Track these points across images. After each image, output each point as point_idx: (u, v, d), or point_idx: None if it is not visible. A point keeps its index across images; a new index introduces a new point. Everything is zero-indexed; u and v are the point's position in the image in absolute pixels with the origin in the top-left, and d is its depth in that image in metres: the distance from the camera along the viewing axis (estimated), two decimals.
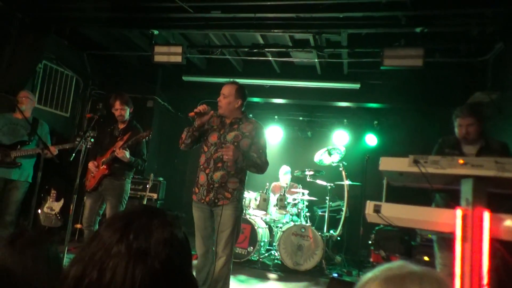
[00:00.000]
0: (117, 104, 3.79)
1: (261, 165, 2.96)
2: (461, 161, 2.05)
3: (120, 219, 0.83)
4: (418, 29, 4.04)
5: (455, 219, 2.06)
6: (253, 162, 2.91)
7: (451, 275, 2.47)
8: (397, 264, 0.84)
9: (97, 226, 3.85)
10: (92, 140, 3.83)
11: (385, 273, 0.81)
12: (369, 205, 2.31)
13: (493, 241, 2.01)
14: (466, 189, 2.06)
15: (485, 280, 1.97)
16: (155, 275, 0.76)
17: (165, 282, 0.78)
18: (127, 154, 3.60)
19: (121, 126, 3.90)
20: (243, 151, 2.90)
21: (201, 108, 2.89)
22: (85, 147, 3.35)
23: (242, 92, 3.00)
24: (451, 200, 2.72)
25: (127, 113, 3.87)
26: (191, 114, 2.89)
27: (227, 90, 2.96)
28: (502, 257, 2.35)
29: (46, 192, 5.07)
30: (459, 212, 2.05)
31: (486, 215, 1.99)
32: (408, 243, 4.28)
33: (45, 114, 5.46)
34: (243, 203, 5.42)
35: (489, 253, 1.98)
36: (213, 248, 2.97)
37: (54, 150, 3.95)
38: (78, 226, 5.15)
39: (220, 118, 3.05)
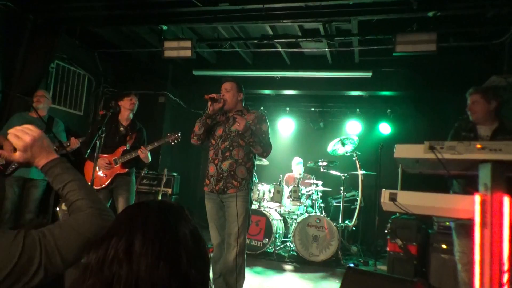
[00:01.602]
0: (135, 99, 3.95)
1: (266, 145, 3.13)
2: (478, 146, 2.00)
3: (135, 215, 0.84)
4: (430, 13, 3.94)
5: (473, 205, 2.02)
6: (259, 140, 3.07)
7: (471, 262, 2.43)
8: None
9: None
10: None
11: None
12: (385, 194, 2.28)
13: None
14: (485, 174, 2.02)
15: (506, 267, 1.93)
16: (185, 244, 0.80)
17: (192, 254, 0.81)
18: (149, 155, 3.83)
19: (125, 123, 3.96)
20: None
21: (215, 94, 3.11)
22: (99, 143, 3.39)
23: (241, 87, 3.27)
24: (468, 186, 2.68)
25: (135, 107, 4.01)
26: (207, 96, 3.09)
27: (229, 85, 3.20)
28: None
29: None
30: (477, 198, 2.00)
31: (506, 200, 1.94)
32: (425, 231, 4.21)
33: (59, 113, 5.54)
34: (257, 195, 5.49)
35: (509, 239, 1.94)
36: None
37: (76, 143, 3.97)
38: None
39: (224, 115, 3.25)
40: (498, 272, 1.97)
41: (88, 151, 3.45)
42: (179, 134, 3.90)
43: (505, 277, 1.97)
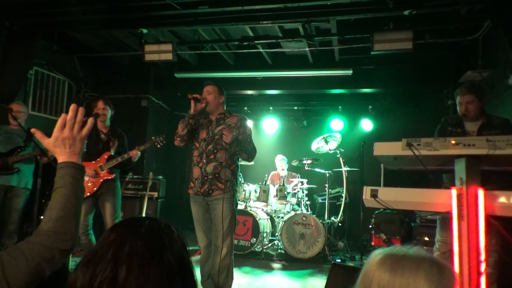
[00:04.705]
0: (100, 104, 3.91)
1: (251, 151, 3.20)
2: (453, 142, 2.08)
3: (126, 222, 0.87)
4: (406, 12, 4.03)
5: (450, 199, 2.09)
6: (245, 148, 3.13)
7: (450, 251, 2.50)
8: (405, 247, 0.92)
9: (92, 230, 3.90)
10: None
11: (390, 250, 0.91)
12: (366, 190, 2.35)
13: (489, 218, 2.05)
14: (460, 169, 2.10)
15: (483, 257, 2.02)
16: (171, 272, 0.79)
17: (179, 279, 0.80)
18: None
19: (104, 129, 3.97)
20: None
21: (197, 95, 3.17)
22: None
23: (222, 90, 3.33)
24: (447, 181, 2.76)
25: (109, 113, 3.97)
26: (190, 96, 3.14)
27: (210, 88, 3.26)
28: (501, 235, 2.38)
29: (48, 198, 5.09)
30: (454, 192, 2.08)
31: (481, 193, 2.02)
32: (408, 225, 4.33)
33: (39, 120, 5.45)
34: (244, 196, 5.52)
35: (485, 230, 2.02)
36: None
37: None
38: None
39: (206, 118, 3.30)
40: (476, 262, 2.05)
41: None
42: (163, 137, 3.94)
43: (483, 266, 2.05)
